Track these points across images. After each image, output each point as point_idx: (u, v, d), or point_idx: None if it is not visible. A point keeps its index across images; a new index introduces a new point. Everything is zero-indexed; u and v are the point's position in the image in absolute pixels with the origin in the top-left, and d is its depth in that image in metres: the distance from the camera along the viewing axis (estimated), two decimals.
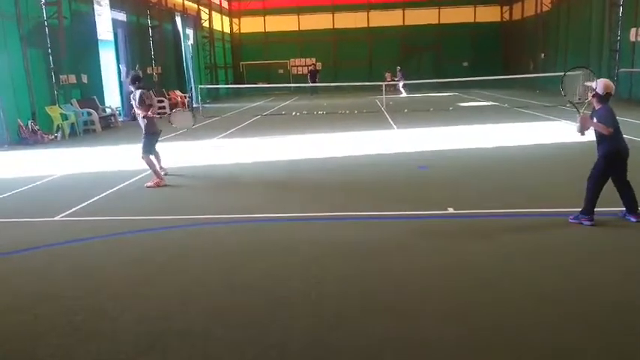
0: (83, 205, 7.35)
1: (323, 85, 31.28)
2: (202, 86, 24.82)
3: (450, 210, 6.37)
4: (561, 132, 12.79)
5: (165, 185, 8.41)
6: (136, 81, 8.63)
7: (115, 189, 8.31)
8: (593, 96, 5.57)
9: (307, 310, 3.94)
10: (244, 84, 36.14)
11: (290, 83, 35.68)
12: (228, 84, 35.64)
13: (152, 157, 8.65)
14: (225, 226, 6.25)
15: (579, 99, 6.56)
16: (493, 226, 5.84)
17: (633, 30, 20.69)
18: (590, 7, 24.45)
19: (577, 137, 5.88)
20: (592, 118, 5.57)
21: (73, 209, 7.12)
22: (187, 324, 3.80)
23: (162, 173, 8.86)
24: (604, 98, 5.50)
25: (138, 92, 8.56)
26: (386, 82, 31.75)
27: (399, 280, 4.48)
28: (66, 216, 6.83)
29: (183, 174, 9.47)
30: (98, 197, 7.78)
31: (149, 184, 8.39)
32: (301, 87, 32.00)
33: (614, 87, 5.61)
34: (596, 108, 5.60)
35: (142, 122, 8.61)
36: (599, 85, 5.50)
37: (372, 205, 6.84)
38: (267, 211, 6.72)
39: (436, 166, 9.27)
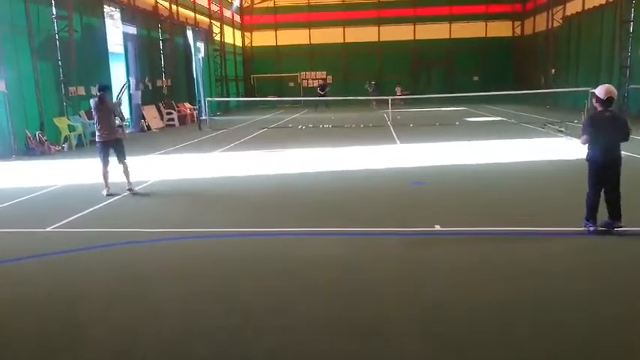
0: (78, 215, 7.45)
1: (331, 98, 31.36)
2: (210, 99, 25.10)
3: (437, 227, 6.34)
4: (563, 148, 12.70)
5: (111, 195, 8.56)
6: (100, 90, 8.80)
7: (111, 200, 8.41)
8: (596, 101, 5.75)
9: (276, 324, 3.95)
10: (255, 97, 36.46)
11: (300, 96, 35.91)
12: (239, 96, 35.99)
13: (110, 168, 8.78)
14: (213, 240, 6.28)
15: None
16: (476, 245, 5.81)
17: None
18: (601, 23, 24.34)
19: (577, 155, 5.95)
20: None
21: (67, 220, 7.22)
22: (158, 338, 3.83)
23: (127, 190, 8.79)
24: (606, 102, 5.65)
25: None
26: (396, 97, 31.93)
27: (373, 296, 4.46)
28: (59, 227, 6.92)
29: (182, 186, 9.56)
30: (94, 208, 7.88)
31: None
32: (310, 100, 32.24)
33: (615, 92, 5.73)
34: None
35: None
36: (600, 89, 5.70)
37: (359, 221, 6.83)
38: (253, 225, 6.74)
39: (431, 182, 9.24)
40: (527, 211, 7.12)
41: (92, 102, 8.73)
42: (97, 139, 8.83)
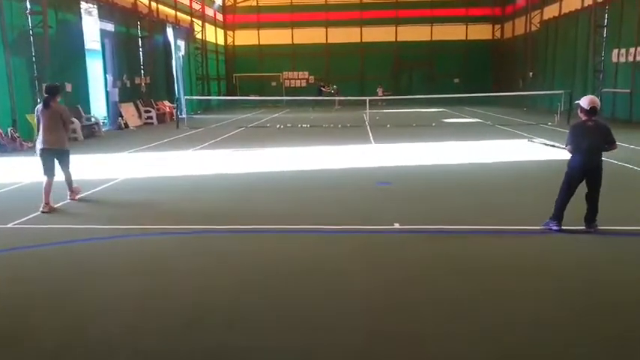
0: (42, 212, 7.42)
1: (309, 98, 31.39)
2: (188, 97, 25.01)
3: (396, 225, 6.46)
4: (533, 150, 12.93)
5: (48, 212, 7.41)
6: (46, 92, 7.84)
7: (76, 197, 8.37)
8: (580, 111, 6.00)
9: (225, 321, 4.01)
10: (237, 96, 36.40)
11: (282, 96, 35.96)
12: (220, 95, 35.89)
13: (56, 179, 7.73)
14: (169, 237, 6.31)
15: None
16: (433, 243, 5.94)
17: (615, 51, 20.99)
18: (576, 28, 24.82)
19: (545, 156, 6.13)
20: None
21: (30, 216, 7.18)
22: (107, 333, 3.85)
23: (69, 199, 8.00)
24: (589, 112, 5.89)
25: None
26: (377, 97, 32.14)
27: (324, 292, 4.55)
28: (20, 223, 6.88)
29: (148, 185, 9.55)
30: (58, 205, 7.82)
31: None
32: (293, 100, 32.32)
33: (598, 102, 6.00)
34: None
35: None
36: (584, 100, 5.97)
37: (318, 219, 6.92)
38: (212, 223, 6.79)
39: (399, 181, 9.37)
40: (490, 211, 7.29)
41: (37, 107, 7.74)
42: (37, 145, 7.71)
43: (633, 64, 19.80)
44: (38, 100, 15.97)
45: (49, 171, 7.69)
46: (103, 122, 19.98)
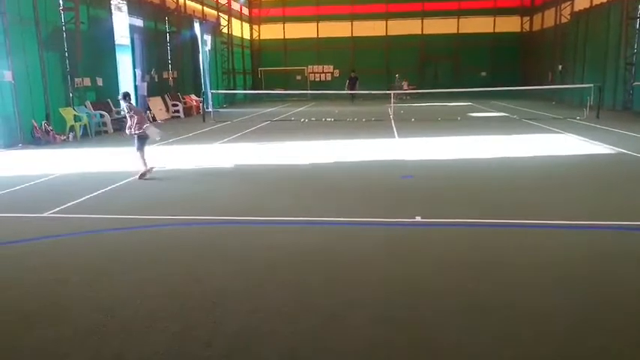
0: (75, 202, 7.74)
1: (333, 92, 31.42)
2: (214, 91, 25.33)
3: (418, 218, 6.53)
4: (558, 145, 12.75)
5: (152, 174, 9.57)
6: (125, 97, 9.97)
7: (108, 188, 8.69)
8: None
9: (246, 307, 4.18)
10: (262, 90, 36.68)
11: (307, 90, 36.08)
12: (246, 89, 36.24)
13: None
14: (195, 227, 6.53)
15: None
16: (451, 235, 5.99)
17: None
18: (608, 19, 24.21)
19: (570, 151, 6.04)
20: None
21: (64, 206, 7.50)
22: (134, 317, 4.07)
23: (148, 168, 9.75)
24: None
25: (126, 106, 10.02)
26: (402, 91, 32.00)
27: (342, 282, 4.67)
28: (55, 212, 7.20)
29: (173, 177, 9.82)
30: (91, 195, 8.16)
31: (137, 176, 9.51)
32: (318, 93, 32.42)
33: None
34: None
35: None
36: None
37: (341, 211, 7.04)
38: (236, 214, 7.00)
39: (420, 175, 9.41)
40: (507, 204, 7.29)
41: (130, 105, 9.95)
42: (138, 135, 9.74)
43: None
44: (71, 95, 16.58)
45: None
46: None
